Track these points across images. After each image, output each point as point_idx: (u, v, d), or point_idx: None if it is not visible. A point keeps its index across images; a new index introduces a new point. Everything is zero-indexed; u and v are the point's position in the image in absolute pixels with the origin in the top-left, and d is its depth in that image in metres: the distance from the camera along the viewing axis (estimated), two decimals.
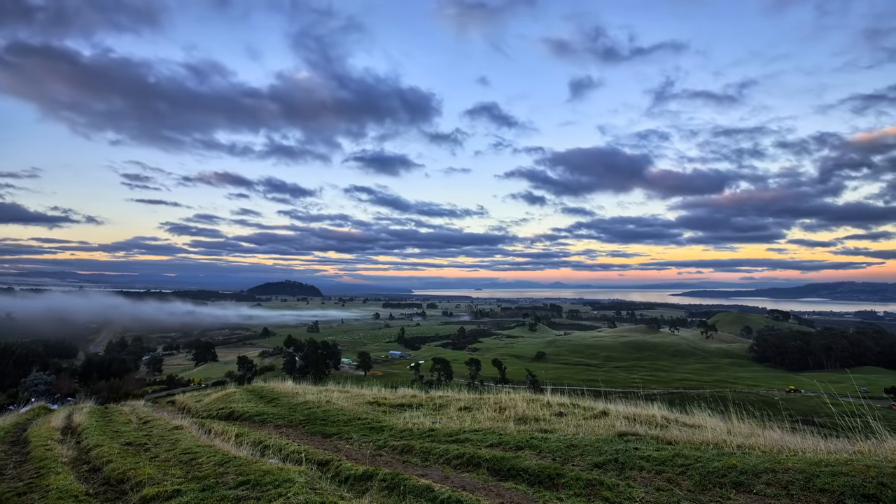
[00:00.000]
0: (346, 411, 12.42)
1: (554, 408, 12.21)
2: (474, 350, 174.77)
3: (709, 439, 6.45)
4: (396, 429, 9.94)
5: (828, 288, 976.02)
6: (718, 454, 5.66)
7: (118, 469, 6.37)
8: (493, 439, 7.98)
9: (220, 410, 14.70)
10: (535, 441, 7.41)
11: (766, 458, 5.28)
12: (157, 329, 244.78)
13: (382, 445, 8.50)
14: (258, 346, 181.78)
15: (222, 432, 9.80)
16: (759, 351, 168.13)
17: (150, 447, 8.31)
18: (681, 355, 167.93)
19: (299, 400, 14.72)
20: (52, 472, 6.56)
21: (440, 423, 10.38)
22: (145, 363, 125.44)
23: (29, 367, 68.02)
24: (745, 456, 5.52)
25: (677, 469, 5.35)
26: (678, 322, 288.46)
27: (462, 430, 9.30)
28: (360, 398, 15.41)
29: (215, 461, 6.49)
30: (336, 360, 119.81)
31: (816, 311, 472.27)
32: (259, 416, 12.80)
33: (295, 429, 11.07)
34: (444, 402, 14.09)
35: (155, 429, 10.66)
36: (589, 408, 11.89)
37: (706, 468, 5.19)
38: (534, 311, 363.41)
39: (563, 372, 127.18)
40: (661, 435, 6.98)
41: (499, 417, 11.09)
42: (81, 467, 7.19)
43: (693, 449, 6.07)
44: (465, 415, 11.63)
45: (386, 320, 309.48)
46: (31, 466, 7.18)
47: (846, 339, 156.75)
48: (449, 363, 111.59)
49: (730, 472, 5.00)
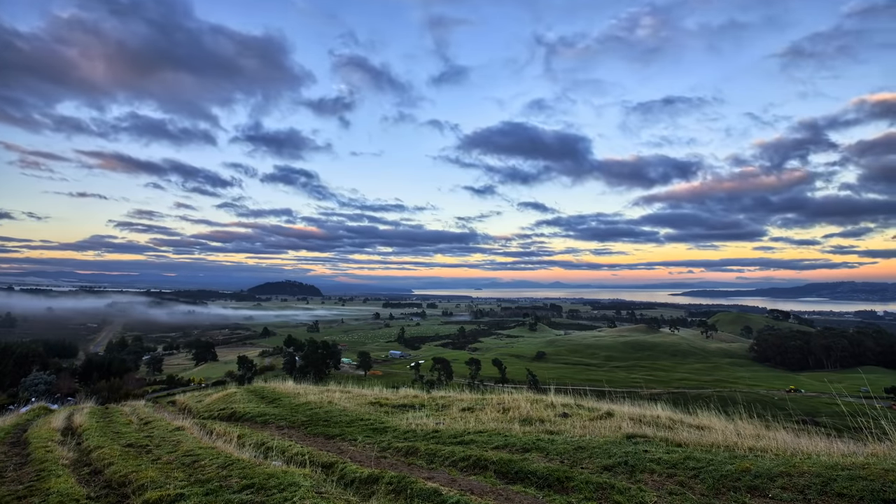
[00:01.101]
0: (349, 412, 12.30)
1: (558, 409, 12.11)
2: (474, 350, 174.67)
3: (719, 441, 6.34)
4: (400, 430, 9.84)
5: (827, 288, 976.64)
6: (730, 457, 5.55)
7: (120, 472, 6.26)
8: (499, 441, 7.87)
9: (222, 411, 14.59)
10: (541, 443, 7.31)
11: (779, 462, 5.17)
12: (158, 329, 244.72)
13: (386, 447, 8.40)
14: (258, 346, 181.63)
15: (224, 433, 9.70)
16: (759, 351, 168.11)
17: (151, 449, 8.21)
18: (681, 355, 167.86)
19: (301, 400, 14.59)
20: (52, 475, 6.46)
21: (444, 425, 10.28)
22: (145, 363, 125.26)
23: (29, 367, 67.88)
24: (757, 459, 5.42)
25: (689, 472, 5.25)
26: (678, 322, 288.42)
27: (466, 431, 9.20)
28: (361, 399, 15.29)
29: (218, 464, 6.39)
30: (336, 360, 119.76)
31: (816, 311, 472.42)
32: (261, 417, 12.69)
33: (297, 430, 10.96)
34: (446, 402, 13.96)
35: (156, 430, 10.56)
36: (593, 408, 11.78)
37: (719, 471, 5.09)
38: (534, 311, 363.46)
39: (564, 372, 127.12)
40: (669, 437, 6.87)
41: (503, 418, 10.98)
42: (82, 470, 7.08)
43: (704, 451, 5.96)
44: (469, 416, 11.51)
45: (386, 320, 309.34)
46: (32, 469, 7.08)
47: (846, 338, 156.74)
48: (449, 363, 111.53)
49: (744, 475, 4.90)
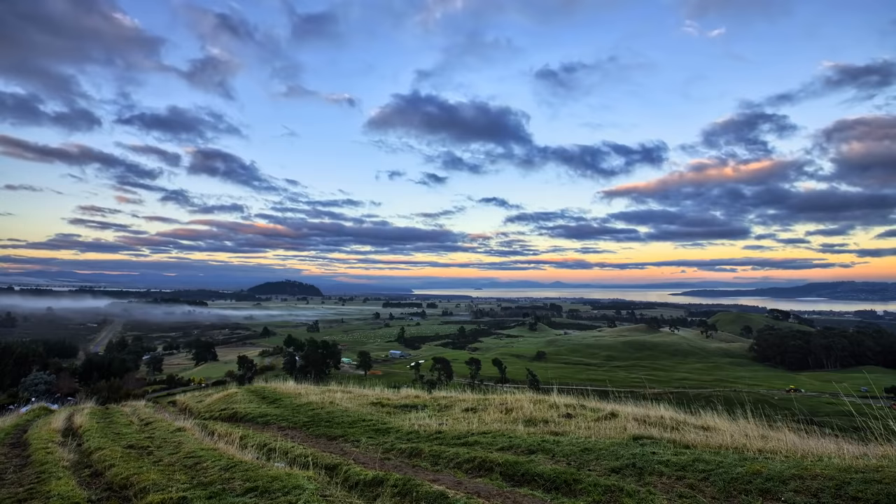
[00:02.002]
0: (351, 412, 12.23)
1: (561, 409, 12.02)
2: (474, 349, 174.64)
3: (727, 443, 6.26)
4: (403, 431, 9.76)
5: (827, 287, 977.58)
6: (740, 459, 5.48)
7: (121, 474, 6.19)
8: (504, 442, 7.79)
9: (223, 411, 14.52)
10: (547, 444, 7.23)
11: (791, 464, 5.10)
12: (157, 328, 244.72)
13: (390, 448, 8.33)
14: (258, 346, 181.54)
15: (226, 434, 9.63)
16: (759, 350, 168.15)
17: (152, 450, 8.14)
18: (681, 355, 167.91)
19: (302, 401, 14.52)
20: (53, 477, 6.38)
21: (447, 426, 10.20)
22: (145, 363, 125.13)
23: (29, 367, 67.82)
24: (768, 461, 5.34)
25: (699, 475, 5.18)
26: (678, 321, 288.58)
27: (470, 432, 9.12)
28: (363, 399, 15.21)
29: (221, 466, 6.32)
30: (336, 360, 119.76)
31: (816, 311, 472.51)
32: (262, 418, 12.62)
33: (299, 431, 10.88)
34: (448, 402, 13.87)
35: (157, 431, 10.49)
36: (597, 409, 11.69)
37: (729, 474, 5.02)
38: (534, 311, 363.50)
39: (564, 371, 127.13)
40: (676, 438, 6.80)
41: (506, 419, 10.89)
42: (83, 472, 7.00)
43: (712, 453, 5.89)
44: (472, 416, 11.42)
45: (386, 320, 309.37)
46: (32, 471, 7.01)
47: (846, 338, 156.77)
48: (449, 363, 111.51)
49: (755, 478, 4.83)
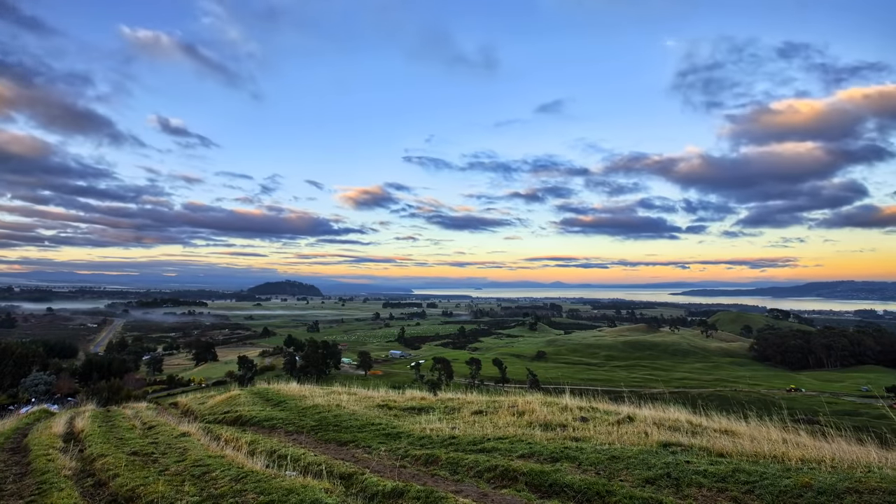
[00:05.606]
0: (358, 415, 11.90)
1: (575, 412, 11.70)
2: (474, 349, 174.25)
3: (765, 451, 5.93)
4: (415, 435, 9.44)
5: (827, 287, 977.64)
6: (783, 469, 5.17)
7: (126, 485, 5.86)
8: (524, 449, 7.47)
9: (226, 414, 14.18)
10: (570, 451, 6.91)
11: (841, 475, 4.79)
12: (157, 329, 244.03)
13: (404, 455, 8.01)
14: (258, 346, 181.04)
15: (232, 440, 9.31)
16: (759, 350, 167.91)
17: (157, 457, 7.82)
18: (681, 354, 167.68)
19: (308, 403, 14.19)
20: (54, 488, 6.05)
21: (459, 430, 9.87)
22: (145, 363, 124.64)
23: (29, 367, 67.39)
24: (814, 472, 5.03)
25: (742, 487, 4.87)
26: (678, 321, 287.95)
27: (486, 437, 8.80)
28: (368, 401, 14.90)
29: (231, 476, 6.00)
30: (336, 360, 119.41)
31: (816, 310, 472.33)
32: (268, 422, 12.29)
33: (307, 435, 10.55)
34: (455, 405, 13.54)
35: (161, 435, 10.16)
36: (612, 412, 11.38)
37: (776, 486, 4.71)
38: (534, 311, 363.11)
39: (564, 371, 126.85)
40: (708, 445, 6.48)
41: (519, 423, 10.57)
42: (86, 481, 6.67)
43: (751, 463, 5.57)
44: (483, 420, 11.11)
45: (386, 320, 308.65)
46: (33, 480, 6.68)
47: (846, 338, 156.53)
48: (449, 363, 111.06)
49: (805, 491, 4.52)
